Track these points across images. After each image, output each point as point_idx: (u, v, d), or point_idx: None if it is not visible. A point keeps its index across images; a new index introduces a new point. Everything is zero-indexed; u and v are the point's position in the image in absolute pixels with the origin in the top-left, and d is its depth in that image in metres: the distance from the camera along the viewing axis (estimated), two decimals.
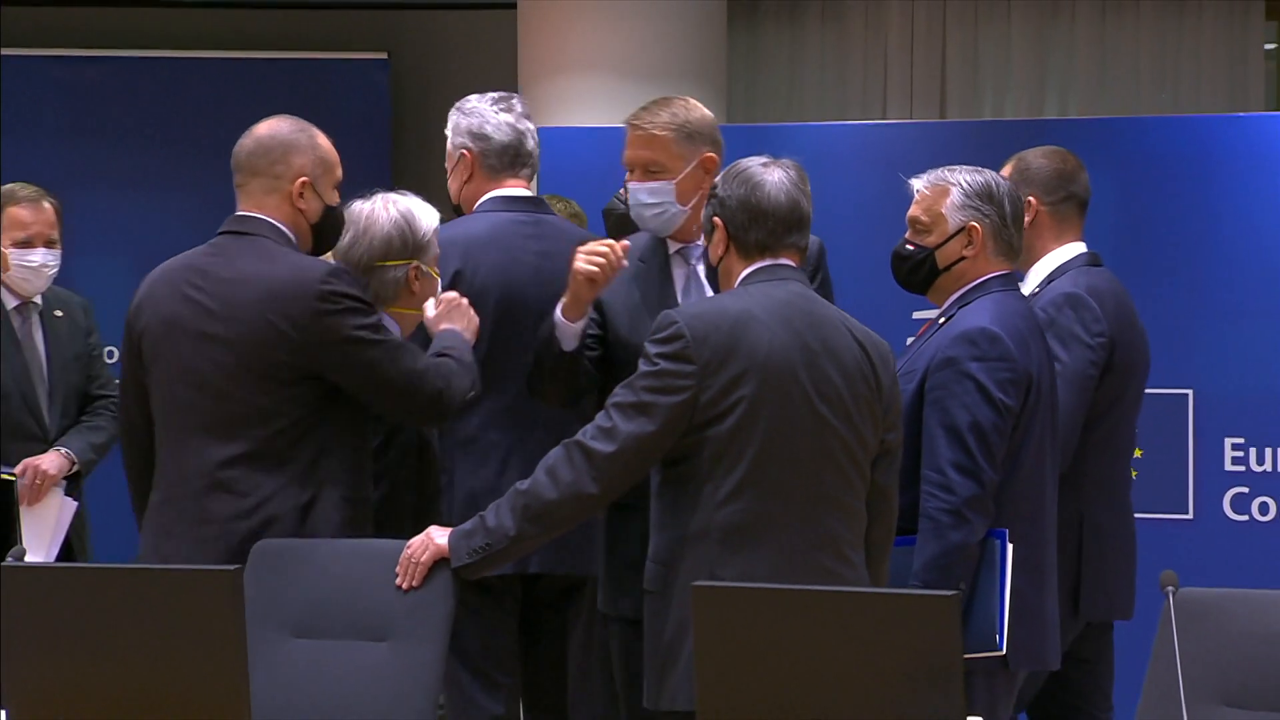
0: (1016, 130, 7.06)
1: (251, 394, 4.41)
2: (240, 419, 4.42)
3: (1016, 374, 4.43)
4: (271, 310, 4.40)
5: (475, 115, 5.04)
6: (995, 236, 4.56)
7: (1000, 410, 4.39)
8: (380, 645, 4.20)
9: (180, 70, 8.19)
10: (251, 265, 4.47)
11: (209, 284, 4.49)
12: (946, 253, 4.59)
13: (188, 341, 4.47)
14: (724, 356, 4.09)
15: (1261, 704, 3.52)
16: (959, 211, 4.57)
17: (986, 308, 4.50)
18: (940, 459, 4.37)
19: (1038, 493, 4.51)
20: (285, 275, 4.43)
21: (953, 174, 4.60)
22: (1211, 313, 6.40)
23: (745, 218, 4.22)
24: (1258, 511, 6.34)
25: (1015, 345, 4.44)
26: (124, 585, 3.73)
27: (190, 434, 4.46)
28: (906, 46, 8.47)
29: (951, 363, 4.43)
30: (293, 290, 4.41)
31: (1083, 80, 8.33)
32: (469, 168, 5.04)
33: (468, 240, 4.91)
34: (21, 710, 3.65)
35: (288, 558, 4.31)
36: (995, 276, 4.56)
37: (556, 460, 4.13)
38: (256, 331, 4.41)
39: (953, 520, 4.33)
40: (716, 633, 3.40)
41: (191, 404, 4.46)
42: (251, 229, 4.51)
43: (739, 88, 8.52)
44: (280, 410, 4.42)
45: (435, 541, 4.22)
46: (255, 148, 4.55)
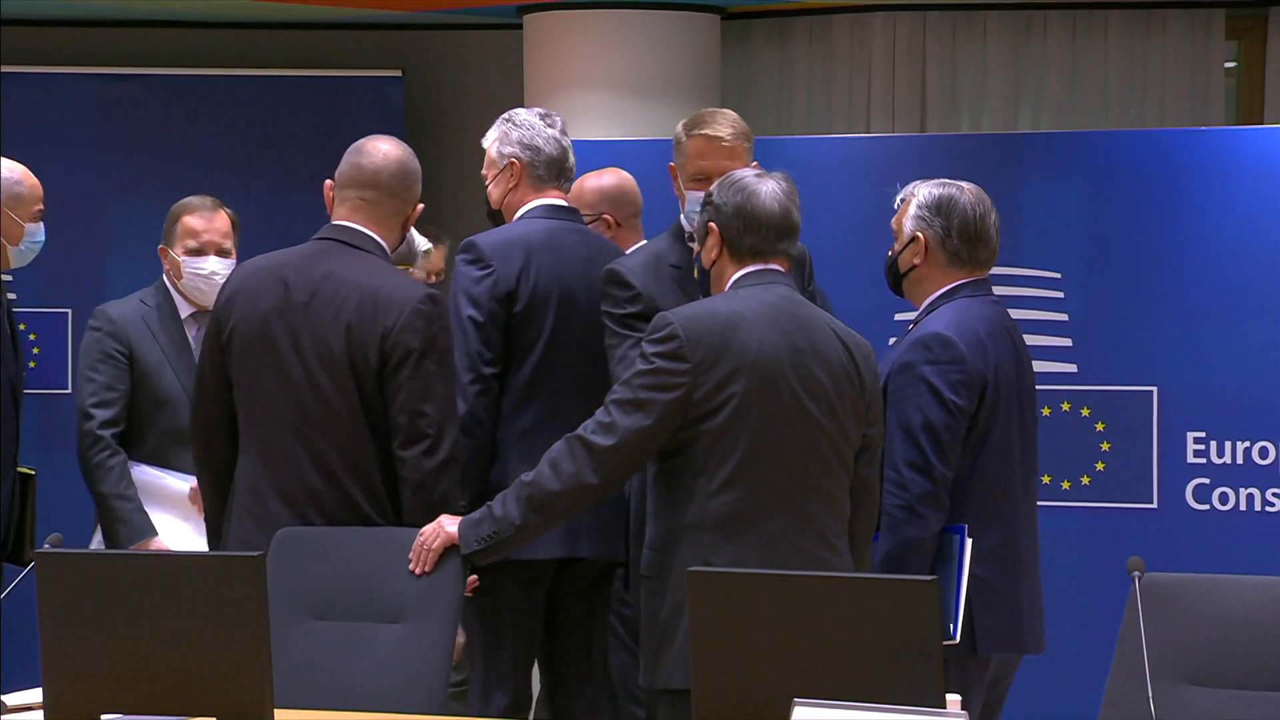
0: (992, 143, 7.07)
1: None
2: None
3: (968, 375, 4.46)
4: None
5: (527, 128, 5.07)
6: (940, 247, 4.58)
7: (952, 410, 4.43)
8: (395, 626, 4.21)
9: (204, 87, 8.18)
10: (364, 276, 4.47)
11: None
12: (903, 260, 4.64)
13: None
14: (716, 356, 4.11)
15: (1222, 682, 3.52)
16: (911, 221, 4.62)
17: (946, 314, 4.54)
18: (896, 458, 4.41)
19: (1004, 485, 4.52)
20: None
21: (920, 186, 4.65)
22: (1175, 314, 6.41)
23: (740, 224, 4.24)
24: (1218, 501, 6.35)
25: (969, 348, 4.47)
26: (154, 571, 3.73)
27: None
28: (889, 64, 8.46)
29: (907, 367, 4.47)
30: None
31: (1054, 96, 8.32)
32: (516, 176, 5.05)
33: (528, 243, 4.93)
34: (57, 689, 3.66)
35: (308, 544, 4.32)
36: (966, 283, 4.59)
37: (559, 453, 4.15)
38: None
39: (906, 515, 4.37)
40: (710, 615, 3.40)
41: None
42: (363, 244, 4.51)
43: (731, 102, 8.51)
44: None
45: (446, 529, 4.23)
46: (386, 165, 4.54)
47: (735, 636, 3.37)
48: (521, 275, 4.90)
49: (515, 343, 4.89)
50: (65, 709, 3.63)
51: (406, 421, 4.37)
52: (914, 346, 4.50)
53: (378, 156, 4.55)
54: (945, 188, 4.61)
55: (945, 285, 4.59)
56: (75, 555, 3.95)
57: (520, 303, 4.89)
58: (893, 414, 4.45)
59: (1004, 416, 4.52)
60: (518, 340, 4.89)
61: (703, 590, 3.44)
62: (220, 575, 3.64)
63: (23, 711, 3.77)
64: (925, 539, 4.39)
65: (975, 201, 4.61)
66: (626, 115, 7.64)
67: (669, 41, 7.83)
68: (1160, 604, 3.56)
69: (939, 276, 4.60)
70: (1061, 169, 6.59)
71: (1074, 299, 6.42)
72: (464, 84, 8.67)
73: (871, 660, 3.26)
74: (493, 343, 4.86)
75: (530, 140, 5.05)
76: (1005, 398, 4.52)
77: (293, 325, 4.43)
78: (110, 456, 5.43)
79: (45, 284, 7.80)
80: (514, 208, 5.08)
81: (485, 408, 4.83)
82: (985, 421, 4.49)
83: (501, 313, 4.87)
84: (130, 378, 5.51)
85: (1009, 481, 4.54)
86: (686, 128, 4.90)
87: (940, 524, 4.42)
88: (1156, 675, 3.41)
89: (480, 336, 4.84)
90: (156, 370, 5.52)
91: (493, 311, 4.86)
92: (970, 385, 4.47)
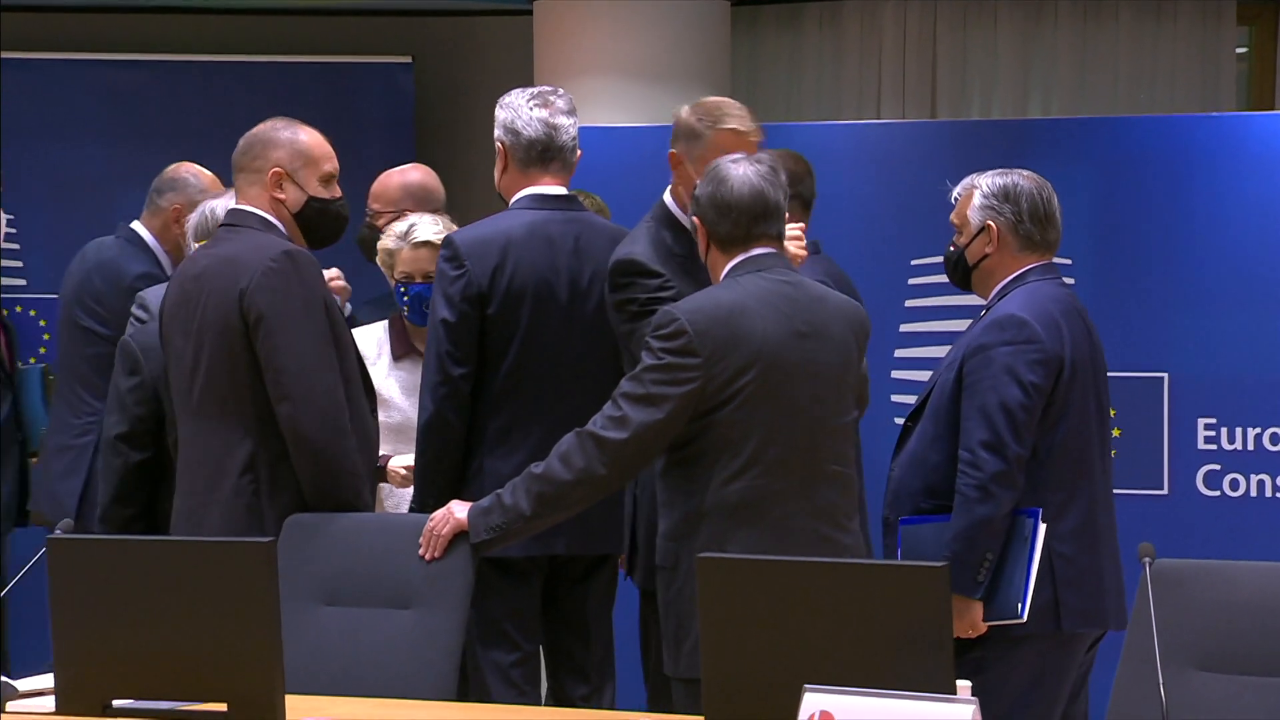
0: (1002, 129, 7.06)
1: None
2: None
3: (1045, 355, 4.50)
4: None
5: (510, 110, 5.01)
6: (1013, 232, 4.63)
7: (1028, 390, 4.46)
8: (405, 613, 4.22)
9: (212, 74, 8.19)
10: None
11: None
12: (972, 251, 4.68)
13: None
14: (725, 347, 4.12)
15: (1232, 668, 3.52)
16: (978, 212, 4.66)
17: (1019, 296, 4.59)
18: (971, 439, 4.45)
19: (1083, 464, 4.57)
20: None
21: (979, 178, 4.70)
22: (1186, 301, 6.40)
23: (714, 214, 4.26)
24: (1229, 487, 6.35)
25: (1044, 328, 4.52)
26: (164, 556, 3.74)
27: None
28: (899, 50, 8.46)
29: (983, 349, 4.52)
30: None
31: (1065, 82, 8.32)
32: (503, 160, 5.02)
33: (507, 239, 4.88)
34: (69, 674, 3.67)
35: (318, 530, 4.32)
36: (1034, 268, 4.64)
37: (569, 447, 4.16)
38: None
39: (979, 495, 4.40)
40: (720, 602, 3.41)
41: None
42: (240, 220, 4.54)
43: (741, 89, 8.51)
44: None
45: (456, 516, 4.24)
46: (240, 145, 4.58)
47: (745, 623, 3.37)
48: (496, 274, 4.85)
49: (491, 341, 4.85)
50: (77, 694, 3.64)
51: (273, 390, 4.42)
52: (989, 329, 4.54)
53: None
54: (1007, 175, 4.67)
55: (1014, 272, 4.64)
56: (86, 540, 3.96)
57: (494, 302, 4.84)
58: (969, 397, 4.48)
59: (1080, 395, 4.57)
60: (493, 339, 4.84)
61: (713, 577, 3.45)
62: (231, 561, 3.64)
63: (35, 696, 3.77)
64: (996, 518, 4.41)
65: (1039, 185, 4.67)
66: (636, 101, 7.64)
67: (679, 27, 7.82)
68: (1171, 590, 3.56)
69: (1010, 263, 4.64)
70: (1072, 155, 6.58)
71: (1084, 285, 6.41)
72: (474, 70, 8.67)
73: (882, 647, 3.26)
74: (463, 344, 4.82)
75: (511, 123, 4.99)
76: (1081, 377, 4.57)
77: (188, 318, 4.53)
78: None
79: (54, 270, 7.81)
80: (508, 191, 5.04)
81: (453, 409, 4.80)
82: (1062, 400, 4.53)
83: (474, 314, 4.82)
84: None
85: (1088, 459, 4.59)
86: (707, 120, 4.80)
87: (1013, 503, 4.45)
88: (1167, 661, 3.41)
89: (450, 338, 4.81)
90: None
91: (464, 313, 4.82)
92: (1047, 365, 4.50)
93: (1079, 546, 4.54)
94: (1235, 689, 3.50)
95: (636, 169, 6.54)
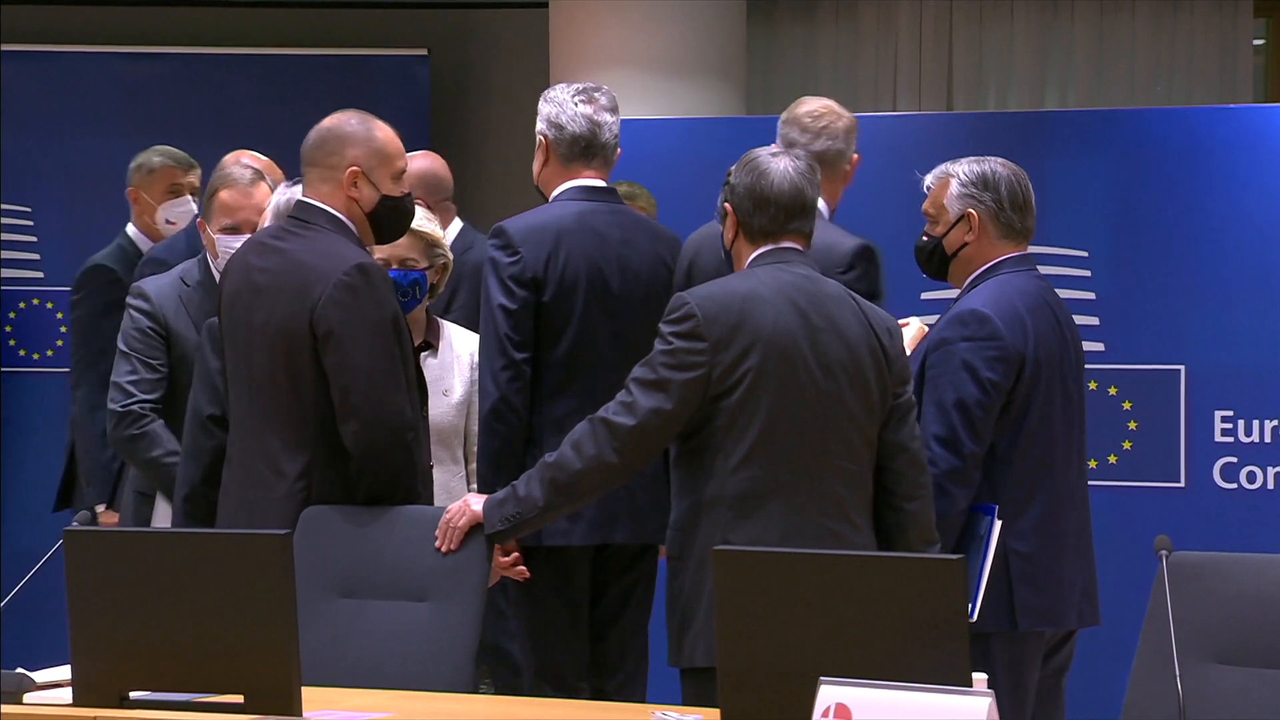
0: (1019, 121, 7.05)
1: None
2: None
3: (1005, 352, 4.47)
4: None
5: (554, 104, 5.02)
6: (994, 220, 4.59)
7: (986, 387, 4.44)
8: (420, 605, 4.22)
9: (227, 66, 8.19)
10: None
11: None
12: (951, 240, 4.63)
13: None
14: (733, 333, 4.12)
15: (1249, 661, 3.52)
16: (957, 200, 4.61)
17: (986, 290, 4.55)
18: (927, 434, 4.42)
19: (1046, 460, 4.54)
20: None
21: (954, 165, 4.66)
22: (1202, 293, 6.39)
23: (750, 204, 4.25)
24: (1245, 480, 6.33)
25: (1007, 325, 4.48)
26: (181, 548, 3.75)
27: None
28: (915, 42, 8.45)
29: (944, 343, 4.50)
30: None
31: (1081, 74, 8.30)
32: (544, 153, 5.03)
33: (559, 228, 4.91)
34: (86, 666, 3.67)
35: (334, 522, 4.33)
36: (1008, 259, 4.60)
37: (581, 435, 4.16)
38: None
39: (933, 491, 4.36)
40: (735, 594, 3.41)
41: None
42: (308, 216, 4.48)
43: (757, 81, 8.51)
44: None
45: (472, 508, 4.24)
46: (313, 139, 4.51)
47: (760, 616, 3.37)
48: (550, 261, 4.89)
49: (546, 329, 4.89)
50: (94, 686, 3.65)
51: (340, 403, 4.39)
52: (951, 323, 4.52)
53: (310, 133, 4.57)
54: (983, 163, 4.63)
55: (989, 262, 4.60)
56: (103, 533, 3.97)
57: (549, 289, 4.89)
58: (928, 391, 4.47)
59: (1044, 392, 4.53)
60: (548, 327, 4.89)
61: (727, 569, 3.44)
62: (247, 553, 3.65)
63: (52, 688, 3.78)
64: (951, 515, 4.41)
65: (1015, 173, 4.64)
66: (652, 94, 7.64)
67: (695, 20, 7.82)
68: (1188, 583, 3.55)
69: (988, 251, 4.61)
70: (1088, 147, 6.57)
71: (1101, 277, 6.41)
72: (490, 63, 8.68)
73: (897, 639, 3.26)
74: (523, 328, 4.87)
75: (555, 118, 5.02)
76: (1046, 374, 4.53)
77: (247, 319, 4.46)
78: (145, 423, 5.28)
79: (70, 263, 7.82)
80: (547, 184, 5.07)
81: (517, 393, 4.84)
82: (1024, 398, 4.50)
83: (532, 299, 4.87)
84: (169, 357, 5.39)
85: (1050, 457, 4.55)
86: (849, 137, 5.21)
87: (968, 500, 4.44)
88: (1184, 654, 3.41)
89: (509, 323, 4.85)
90: (193, 354, 5.42)
91: (523, 298, 4.87)
92: (1006, 362, 4.47)
93: (1038, 544, 4.50)
94: (1252, 681, 3.49)
95: (651, 162, 6.55)
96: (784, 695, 3.29)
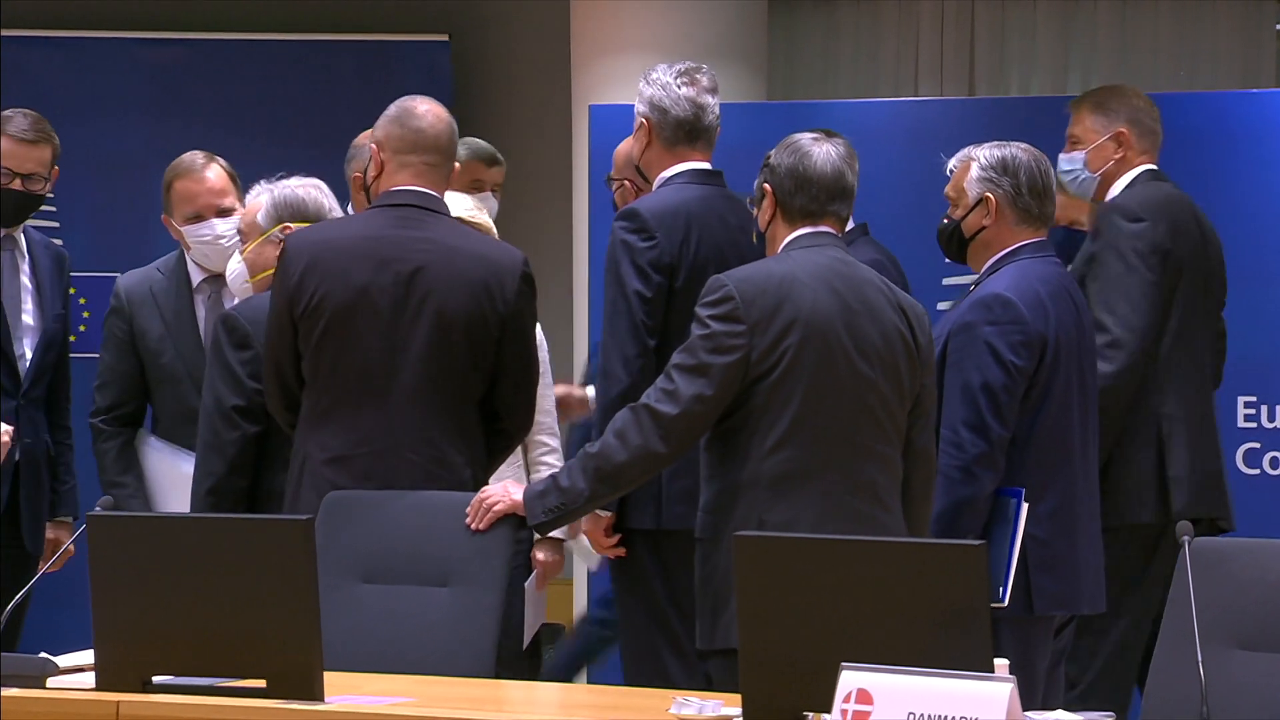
0: (1041, 106, 7.02)
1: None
2: None
3: (1028, 336, 4.47)
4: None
5: (656, 86, 4.98)
6: (1011, 205, 4.60)
7: (1010, 371, 4.45)
8: (442, 590, 4.23)
9: (251, 52, 8.20)
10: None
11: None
12: (969, 224, 4.65)
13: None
14: (771, 315, 4.12)
15: (1272, 646, 3.51)
16: (976, 184, 4.63)
17: (1007, 274, 4.56)
18: (954, 418, 4.44)
19: (1064, 445, 4.54)
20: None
21: (976, 149, 4.68)
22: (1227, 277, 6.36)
23: (791, 184, 4.25)
24: (1269, 465, 6.32)
25: (1029, 309, 4.49)
26: (204, 534, 3.76)
27: None
28: (937, 27, 8.43)
29: (967, 327, 4.50)
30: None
31: (1104, 59, 8.29)
32: (647, 135, 4.99)
33: (689, 211, 4.88)
34: (109, 651, 3.68)
35: (356, 507, 4.33)
36: (1027, 244, 4.61)
37: (625, 423, 4.16)
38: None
39: (961, 476, 4.40)
40: (757, 579, 3.41)
41: None
42: (439, 208, 4.58)
43: (778, 66, 8.50)
44: None
45: (513, 496, 4.23)
46: (446, 130, 4.60)
47: (782, 601, 3.37)
48: (683, 246, 4.85)
49: (673, 315, 4.83)
50: (117, 670, 3.66)
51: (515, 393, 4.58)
52: (974, 307, 4.52)
53: (432, 119, 4.59)
54: (1004, 148, 4.64)
55: (1008, 247, 4.60)
56: (126, 518, 3.98)
57: (681, 275, 4.85)
58: (951, 375, 4.48)
59: (1064, 377, 4.54)
60: (677, 312, 4.82)
61: (749, 555, 3.45)
62: (270, 538, 3.66)
63: (75, 673, 3.79)
64: (979, 499, 4.41)
65: (1036, 158, 4.64)
66: None
67: (715, 5, 7.81)
68: (1210, 568, 3.55)
69: (1006, 236, 4.61)
70: None
71: None
72: (511, 48, 8.67)
73: (920, 624, 3.26)
74: (656, 314, 4.83)
75: (659, 100, 4.96)
76: (1065, 358, 4.54)
77: (400, 293, 4.46)
78: (105, 441, 5.33)
79: (95, 248, 7.84)
80: (650, 166, 5.02)
81: (646, 380, 4.81)
82: (1045, 382, 4.51)
83: (665, 285, 4.84)
84: (135, 357, 5.37)
85: (1068, 442, 4.55)
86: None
87: (995, 485, 4.44)
88: (1206, 640, 3.40)
89: (645, 309, 4.82)
90: (157, 349, 5.36)
91: (658, 284, 4.83)
92: (1030, 346, 4.48)
93: (1055, 530, 4.51)
94: (1275, 667, 3.48)
95: None
96: (806, 680, 3.28)
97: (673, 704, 3.50)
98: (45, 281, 5.52)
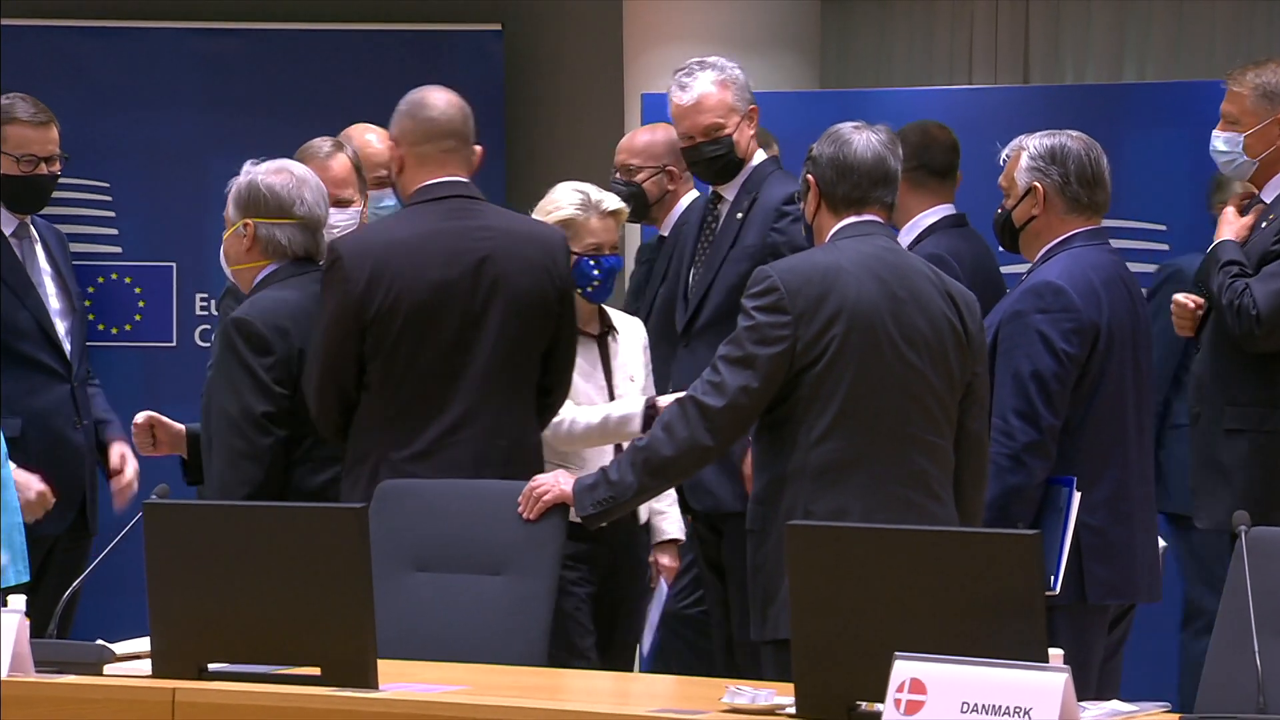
0: (1096, 94, 7.01)
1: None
2: None
3: (1080, 324, 4.47)
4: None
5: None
6: (1059, 194, 4.60)
7: (1062, 359, 4.45)
8: (495, 579, 4.24)
9: (304, 42, 8.22)
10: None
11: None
12: (1019, 213, 4.66)
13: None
14: (816, 305, 4.12)
15: None
16: (1025, 174, 4.64)
17: (1060, 262, 4.56)
18: (1004, 406, 4.43)
19: (1118, 433, 4.53)
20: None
21: (1027, 139, 4.68)
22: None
23: (833, 173, 4.24)
24: None
25: (1081, 297, 4.49)
26: (258, 523, 3.78)
27: None
28: (991, 15, 8.40)
29: (1018, 315, 4.50)
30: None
31: (1160, 46, 8.24)
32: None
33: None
34: (165, 638, 3.71)
35: (409, 496, 4.35)
36: (1080, 232, 4.61)
37: (673, 416, 4.17)
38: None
39: (1011, 464, 4.40)
40: (810, 569, 3.41)
41: None
42: (477, 195, 4.64)
43: (831, 55, 8.48)
44: None
45: (563, 487, 4.25)
46: (467, 115, 4.65)
47: (835, 590, 3.36)
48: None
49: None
50: (173, 658, 3.68)
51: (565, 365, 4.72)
52: (1026, 295, 4.52)
53: (443, 106, 4.64)
54: (1055, 137, 4.63)
55: (1062, 235, 4.59)
56: (181, 506, 4.00)
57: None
58: (1002, 363, 4.47)
59: (1117, 365, 4.53)
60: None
61: (802, 544, 3.45)
62: (324, 527, 3.68)
63: (131, 660, 3.82)
64: (1029, 487, 4.41)
65: (1087, 146, 4.63)
66: None
67: None
68: (1267, 558, 3.53)
69: (1057, 226, 4.61)
70: (1167, 120, 6.52)
71: (1180, 251, 6.35)
72: (564, 37, 8.67)
73: (973, 614, 3.25)
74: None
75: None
76: (1119, 347, 4.53)
77: (470, 283, 4.52)
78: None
79: (149, 237, 7.89)
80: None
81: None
82: (1097, 370, 4.50)
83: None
84: None
85: (1122, 430, 4.55)
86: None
87: (1045, 473, 4.44)
88: (1262, 629, 3.39)
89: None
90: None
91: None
92: (1082, 334, 4.47)
93: (1109, 518, 4.50)
94: None
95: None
96: (859, 670, 3.29)
97: (726, 693, 3.50)
98: (60, 262, 5.56)
